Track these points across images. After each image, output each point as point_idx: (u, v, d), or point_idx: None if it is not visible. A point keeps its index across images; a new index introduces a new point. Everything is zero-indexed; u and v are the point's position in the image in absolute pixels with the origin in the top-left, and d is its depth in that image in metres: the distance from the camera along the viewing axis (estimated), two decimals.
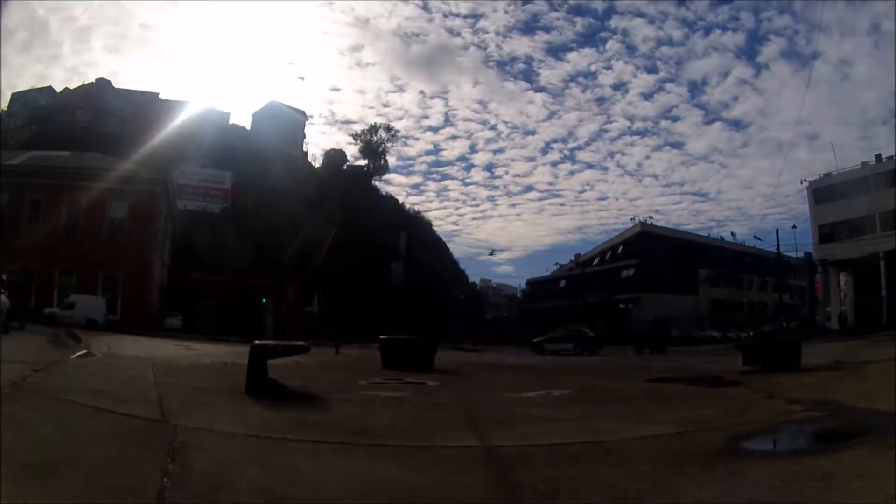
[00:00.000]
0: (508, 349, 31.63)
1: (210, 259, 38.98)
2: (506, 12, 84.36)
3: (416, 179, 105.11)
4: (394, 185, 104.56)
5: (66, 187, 28.26)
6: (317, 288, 42.79)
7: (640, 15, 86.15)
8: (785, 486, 2.99)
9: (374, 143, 69.00)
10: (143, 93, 60.55)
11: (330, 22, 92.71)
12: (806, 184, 41.44)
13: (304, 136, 68.86)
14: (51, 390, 5.19)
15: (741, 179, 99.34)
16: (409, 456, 3.79)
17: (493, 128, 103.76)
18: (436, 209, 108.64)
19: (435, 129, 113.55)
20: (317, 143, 79.72)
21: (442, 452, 3.90)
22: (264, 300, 35.96)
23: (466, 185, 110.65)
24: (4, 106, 56.34)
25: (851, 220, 36.70)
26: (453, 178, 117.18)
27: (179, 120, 48.37)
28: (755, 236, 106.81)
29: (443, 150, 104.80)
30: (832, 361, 10.39)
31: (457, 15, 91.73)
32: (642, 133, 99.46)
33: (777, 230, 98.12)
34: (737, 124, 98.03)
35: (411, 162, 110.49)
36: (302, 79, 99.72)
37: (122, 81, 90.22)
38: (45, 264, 27.20)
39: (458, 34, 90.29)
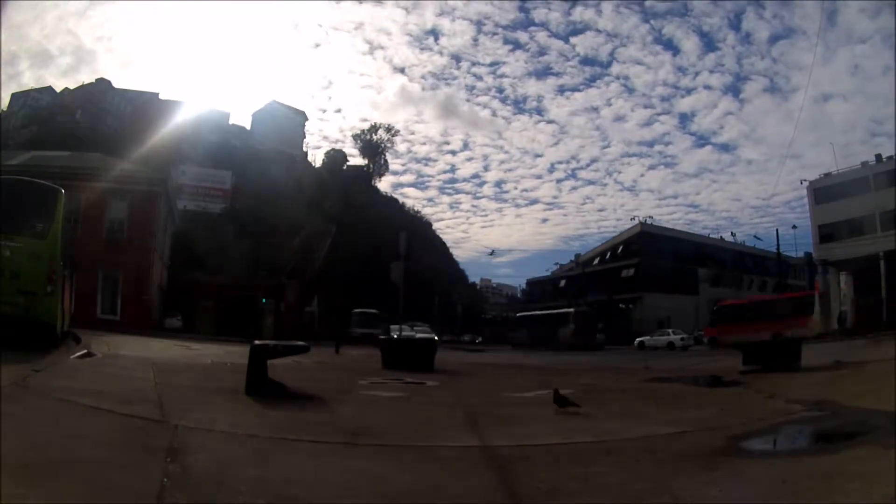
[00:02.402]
0: (508, 349, 31.67)
1: (210, 259, 38.96)
2: (526, 62, 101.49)
3: (432, 193, 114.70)
4: (410, 198, 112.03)
5: (66, 187, 28.18)
6: (317, 288, 42.80)
7: (639, 63, 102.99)
8: (785, 486, 2.99)
9: (374, 143, 69.10)
10: (143, 93, 60.55)
11: (372, 67, 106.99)
12: (806, 184, 41.49)
13: (304, 136, 69.03)
14: (51, 390, 5.19)
15: (730, 193, 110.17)
16: (409, 456, 3.79)
17: (506, 152, 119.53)
18: (448, 218, 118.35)
19: (454, 153, 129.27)
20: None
21: (442, 452, 3.90)
22: (264, 300, 35.96)
23: (477, 198, 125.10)
24: (4, 106, 56.35)
25: (851, 220, 36.70)
26: (466, 193, 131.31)
27: (179, 120, 48.39)
28: (755, 236, 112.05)
29: (458, 169, 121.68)
30: (832, 361, 10.38)
31: (482, 64, 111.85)
32: (638, 155, 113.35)
33: (777, 230, 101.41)
34: (724, 147, 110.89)
35: (429, 179, 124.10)
36: (339, 111, 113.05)
37: (122, 81, 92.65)
38: None
39: (481, 79, 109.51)
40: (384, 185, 72.34)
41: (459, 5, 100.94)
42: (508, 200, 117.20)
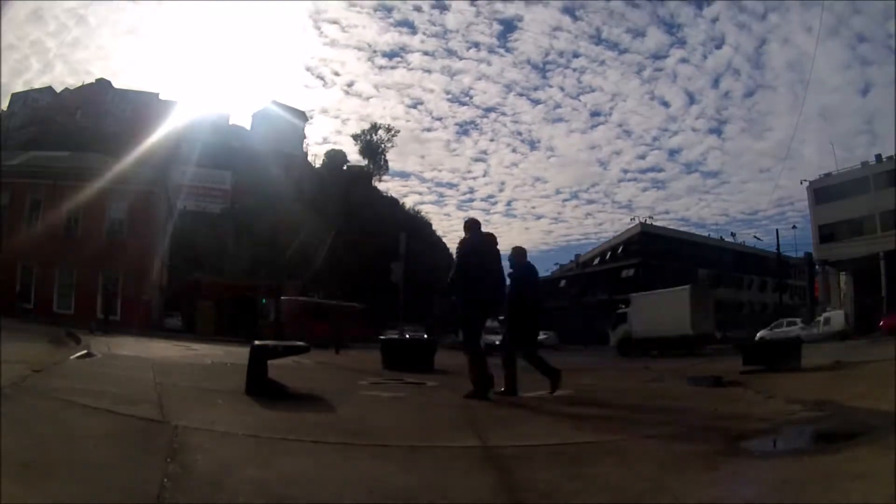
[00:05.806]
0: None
1: (210, 259, 38.98)
2: (544, 114, 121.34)
3: (449, 209, 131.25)
4: (431, 214, 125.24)
5: (66, 187, 28.26)
6: (317, 288, 42.83)
7: (636, 113, 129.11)
8: (785, 487, 2.99)
9: (374, 143, 69.18)
10: (142, 93, 60.62)
11: (414, 117, 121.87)
12: (806, 184, 41.52)
13: (304, 137, 69.06)
14: (51, 390, 5.19)
15: (717, 209, 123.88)
16: (409, 456, 3.78)
17: (520, 179, 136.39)
18: (461, 230, 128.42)
19: (474, 178, 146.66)
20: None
21: (442, 452, 3.89)
22: (264, 300, 35.96)
23: (489, 214, 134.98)
24: (4, 106, 56.39)
25: (851, 220, 36.72)
26: (481, 210, 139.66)
27: (179, 120, 48.44)
28: (755, 236, 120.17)
29: (476, 191, 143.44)
30: (832, 361, 10.38)
31: (505, 115, 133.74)
32: (634, 180, 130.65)
33: (777, 230, 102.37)
34: (710, 174, 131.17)
35: (449, 198, 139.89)
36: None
37: (122, 81, 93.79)
38: (46, 264, 27.21)
39: (504, 125, 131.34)
40: (409, 202, 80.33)
41: (494, 74, 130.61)
42: (517, 216, 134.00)
